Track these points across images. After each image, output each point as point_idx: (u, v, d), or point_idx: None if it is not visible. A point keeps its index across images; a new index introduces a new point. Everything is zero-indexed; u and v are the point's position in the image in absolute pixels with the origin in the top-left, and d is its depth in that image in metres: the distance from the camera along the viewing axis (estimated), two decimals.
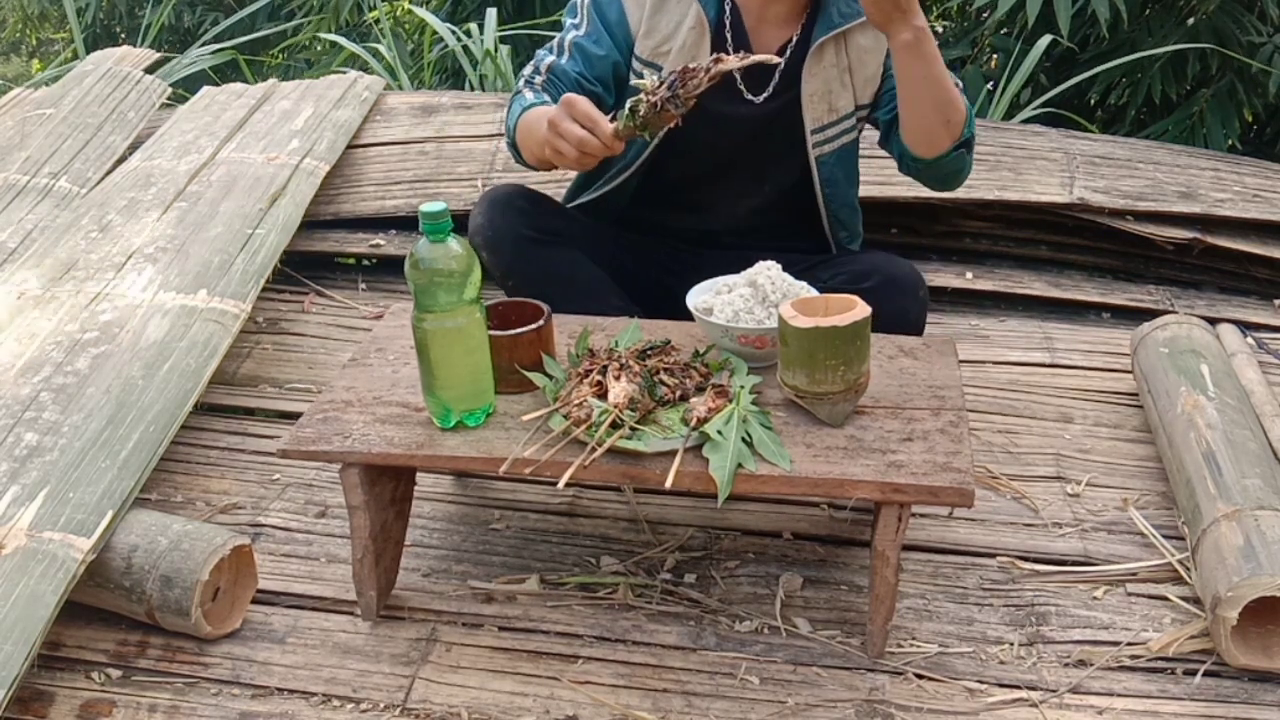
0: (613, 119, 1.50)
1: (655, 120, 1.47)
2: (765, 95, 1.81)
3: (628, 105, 1.48)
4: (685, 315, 1.64)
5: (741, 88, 1.80)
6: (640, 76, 1.75)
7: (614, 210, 1.94)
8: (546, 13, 4.27)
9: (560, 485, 1.33)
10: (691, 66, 1.46)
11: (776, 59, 1.55)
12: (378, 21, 4.36)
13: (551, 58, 1.80)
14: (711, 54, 1.72)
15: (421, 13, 4.04)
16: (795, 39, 1.80)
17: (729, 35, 1.79)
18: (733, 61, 1.46)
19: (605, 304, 1.81)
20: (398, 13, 4.70)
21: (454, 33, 3.86)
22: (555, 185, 2.16)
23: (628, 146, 1.82)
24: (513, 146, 1.76)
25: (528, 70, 1.81)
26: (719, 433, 1.36)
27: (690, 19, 1.77)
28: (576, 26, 1.81)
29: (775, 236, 1.92)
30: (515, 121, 1.72)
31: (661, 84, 1.45)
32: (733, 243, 1.91)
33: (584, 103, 1.50)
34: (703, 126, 1.70)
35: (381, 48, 4.00)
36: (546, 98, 1.73)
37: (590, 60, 1.79)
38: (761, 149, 1.86)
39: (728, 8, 1.79)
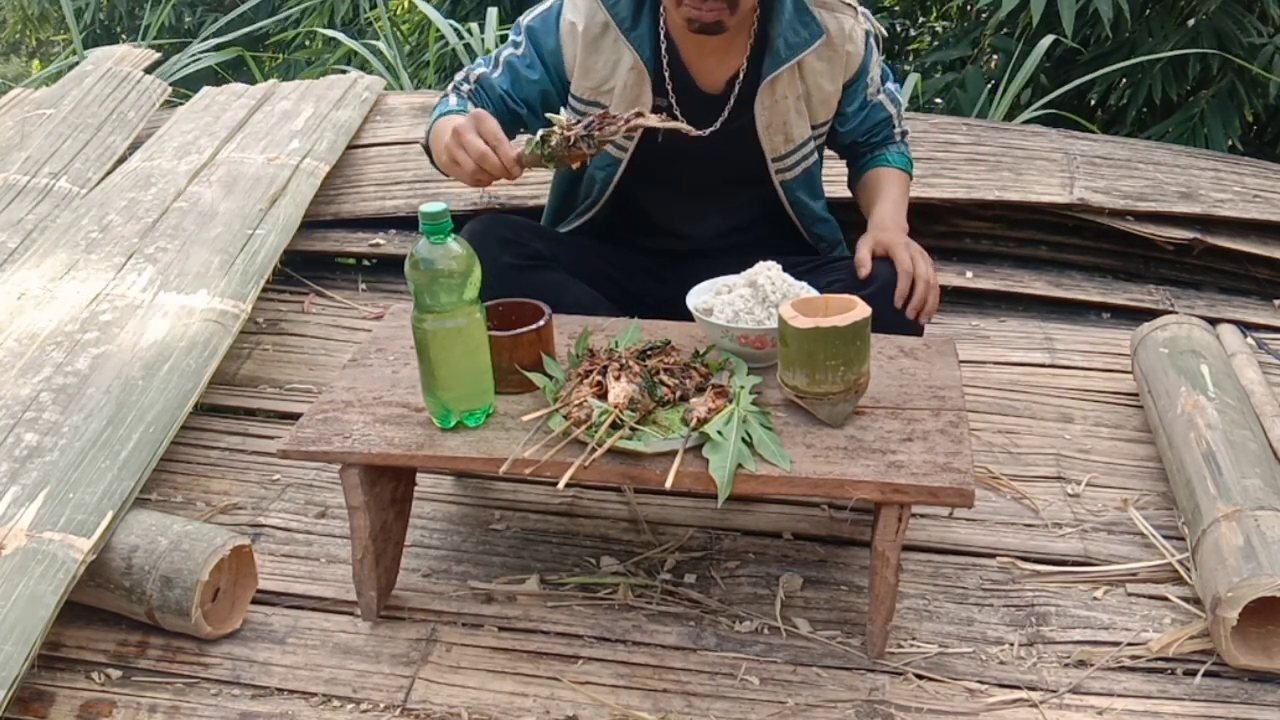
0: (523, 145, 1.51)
1: (564, 155, 1.47)
2: (713, 129, 1.77)
3: (539, 134, 1.48)
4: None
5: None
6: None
7: (592, 236, 1.94)
8: None
9: (560, 486, 1.33)
10: (613, 114, 1.48)
11: (696, 131, 1.52)
12: (377, 19, 4.36)
13: (483, 69, 1.80)
14: (655, 93, 1.74)
15: (425, 8, 4.03)
16: (743, 72, 1.77)
17: (668, 74, 1.76)
18: (653, 120, 1.48)
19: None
20: (396, 11, 4.69)
21: (455, 29, 3.86)
22: (535, 201, 2.14)
23: (590, 187, 1.86)
24: (426, 149, 1.76)
25: (459, 76, 1.81)
26: (719, 433, 1.36)
27: (627, 60, 1.74)
28: (515, 45, 1.81)
29: (758, 248, 1.90)
30: (433, 122, 1.72)
31: (579, 122, 1.46)
32: (716, 256, 1.90)
33: (493, 122, 1.51)
34: (661, 160, 1.69)
35: (382, 46, 4.00)
36: (470, 106, 1.73)
37: (519, 81, 1.78)
38: (729, 176, 1.85)
39: (663, 45, 1.75)
